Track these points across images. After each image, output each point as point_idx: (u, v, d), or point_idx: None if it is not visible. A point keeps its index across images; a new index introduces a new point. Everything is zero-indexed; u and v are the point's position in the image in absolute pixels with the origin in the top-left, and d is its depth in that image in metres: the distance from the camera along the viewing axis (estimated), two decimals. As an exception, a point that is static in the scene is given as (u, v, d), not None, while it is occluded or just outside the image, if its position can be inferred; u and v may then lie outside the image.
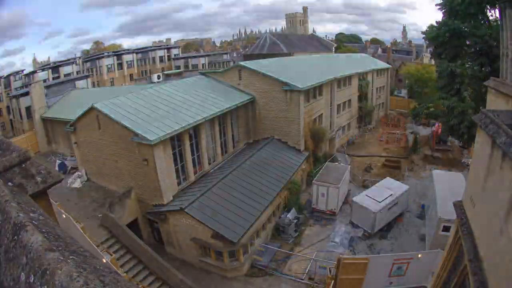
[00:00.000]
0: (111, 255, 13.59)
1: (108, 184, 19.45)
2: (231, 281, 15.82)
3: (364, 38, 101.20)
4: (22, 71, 48.64)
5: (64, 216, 13.32)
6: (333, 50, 64.92)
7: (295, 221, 19.40)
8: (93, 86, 45.64)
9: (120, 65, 58.24)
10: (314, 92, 25.69)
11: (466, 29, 18.06)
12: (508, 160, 4.29)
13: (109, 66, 56.88)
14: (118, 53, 60.17)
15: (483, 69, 18.66)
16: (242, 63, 26.86)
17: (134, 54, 60.95)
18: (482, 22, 18.46)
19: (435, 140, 30.18)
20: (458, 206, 6.73)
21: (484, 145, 5.32)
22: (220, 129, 22.04)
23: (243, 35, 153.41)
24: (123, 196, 17.54)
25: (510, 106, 6.07)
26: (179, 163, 18.52)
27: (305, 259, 16.66)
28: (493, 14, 17.64)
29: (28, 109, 32.42)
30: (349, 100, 33.01)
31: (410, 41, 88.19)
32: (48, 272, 1.47)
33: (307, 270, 15.86)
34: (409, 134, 34.91)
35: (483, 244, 5.23)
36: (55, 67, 50.17)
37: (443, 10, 19.63)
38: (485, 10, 17.78)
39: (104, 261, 10.99)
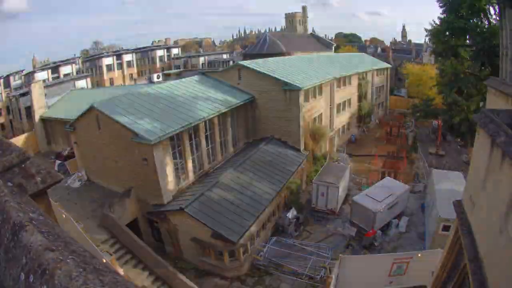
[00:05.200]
0: (111, 255, 13.60)
1: (108, 184, 19.45)
2: (231, 281, 15.84)
3: (364, 37, 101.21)
4: (22, 71, 48.59)
5: (64, 216, 13.32)
6: (333, 49, 64.90)
7: (295, 220, 19.42)
8: (93, 86, 45.59)
9: (120, 65, 58.20)
10: (313, 91, 25.69)
11: (467, 27, 18.05)
12: (507, 160, 4.29)
13: (109, 65, 56.84)
14: (117, 53, 60.17)
15: (483, 68, 18.68)
16: (241, 62, 26.85)
17: (134, 54, 60.91)
18: (483, 20, 18.46)
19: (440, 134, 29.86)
20: (458, 205, 6.73)
21: (484, 145, 5.32)
22: (219, 129, 22.03)
23: (243, 34, 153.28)
24: (123, 196, 17.55)
25: (510, 105, 6.07)
26: (179, 162, 18.52)
27: (305, 258, 16.67)
28: (495, 11, 17.62)
29: (28, 109, 32.40)
30: (349, 100, 33.02)
31: (409, 41, 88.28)
32: (47, 272, 1.47)
33: (307, 269, 15.87)
34: (409, 133, 34.96)
35: (483, 244, 5.23)
36: (54, 67, 50.11)
37: (443, 8, 19.63)
38: (487, 8, 17.77)
39: (104, 261, 10.99)
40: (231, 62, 56.31)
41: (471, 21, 18.40)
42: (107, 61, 56.56)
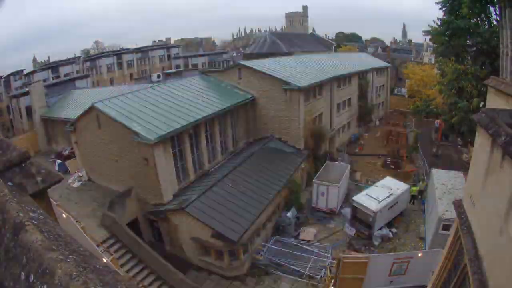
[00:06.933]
0: (111, 254, 13.60)
1: (108, 184, 19.44)
2: (232, 280, 15.84)
3: (364, 37, 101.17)
4: (22, 71, 48.56)
5: (64, 216, 13.32)
6: (333, 49, 64.88)
7: (295, 220, 19.43)
8: (93, 85, 45.57)
9: (120, 65, 58.18)
10: (314, 91, 25.68)
11: (468, 27, 18.01)
12: (508, 159, 4.29)
13: (109, 65, 56.83)
14: (118, 53, 60.14)
15: (483, 68, 18.64)
16: (242, 62, 26.87)
17: (134, 54, 60.87)
18: (483, 21, 18.42)
19: (441, 135, 29.59)
20: (458, 205, 6.72)
21: (484, 144, 5.32)
22: (220, 128, 22.04)
23: (243, 34, 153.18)
24: (123, 196, 17.55)
25: (510, 105, 6.07)
26: (179, 162, 18.52)
27: (305, 258, 16.67)
28: (496, 11, 17.56)
29: (28, 109, 32.41)
30: (349, 99, 33.01)
31: (410, 40, 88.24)
32: (48, 271, 1.48)
33: (307, 268, 15.88)
34: (409, 133, 34.94)
35: (483, 243, 5.23)
36: (55, 67, 50.10)
37: (443, 9, 19.59)
38: (487, 8, 17.72)
39: (104, 260, 11.00)
40: (231, 62, 56.34)
41: (472, 21, 18.35)
42: (107, 61, 56.54)
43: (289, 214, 19.31)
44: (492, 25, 17.75)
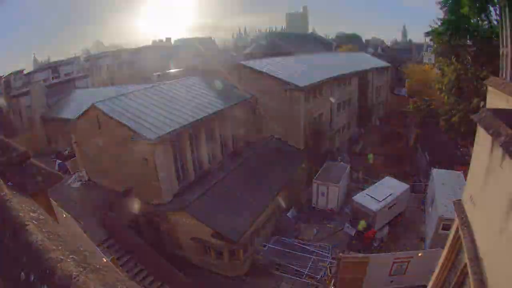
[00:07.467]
0: (111, 254, 13.60)
1: (108, 184, 19.43)
2: (232, 280, 15.84)
3: (364, 37, 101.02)
4: (22, 71, 48.54)
5: (64, 216, 13.31)
6: (333, 49, 64.85)
7: (295, 220, 19.42)
8: (93, 85, 45.53)
9: (120, 65, 58.17)
10: (314, 91, 25.65)
11: (468, 27, 18.00)
12: (508, 160, 4.29)
13: (109, 65, 56.81)
14: (117, 53, 60.13)
15: (483, 68, 18.63)
16: (242, 62, 26.83)
17: (134, 54, 60.84)
18: (483, 20, 18.41)
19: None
20: (458, 205, 6.71)
21: (484, 144, 5.32)
22: (220, 128, 22.01)
23: (243, 34, 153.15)
24: (123, 196, 17.54)
25: (510, 105, 6.06)
26: (179, 162, 18.51)
27: (305, 257, 16.68)
28: (496, 11, 17.55)
29: (28, 109, 32.40)
30: (349, 99, 32.98)
31: (410, 40, 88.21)
32: (48, 271, 1.48)
33: (307, 268, 15.89)
34: (409, 133, 34.91)
35: (483, 243, 5.23)
36: (55, 67, 50.05)
37: (444, 9, 19.58)
38: (488, 8, 17.71)
39: (104, 260, 11.00)
40: (231, 62, 56.25)
41: (472, 21, 18.34)
42: (107, 61, 56.53)
43: (289, 214, 19.31)
44: (492, 25, 17.74)
